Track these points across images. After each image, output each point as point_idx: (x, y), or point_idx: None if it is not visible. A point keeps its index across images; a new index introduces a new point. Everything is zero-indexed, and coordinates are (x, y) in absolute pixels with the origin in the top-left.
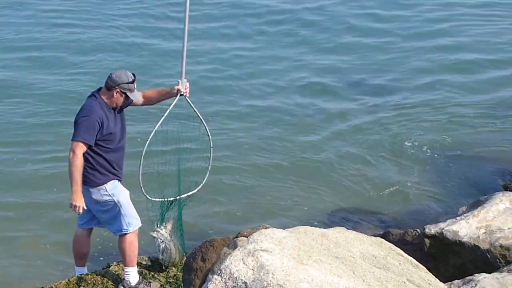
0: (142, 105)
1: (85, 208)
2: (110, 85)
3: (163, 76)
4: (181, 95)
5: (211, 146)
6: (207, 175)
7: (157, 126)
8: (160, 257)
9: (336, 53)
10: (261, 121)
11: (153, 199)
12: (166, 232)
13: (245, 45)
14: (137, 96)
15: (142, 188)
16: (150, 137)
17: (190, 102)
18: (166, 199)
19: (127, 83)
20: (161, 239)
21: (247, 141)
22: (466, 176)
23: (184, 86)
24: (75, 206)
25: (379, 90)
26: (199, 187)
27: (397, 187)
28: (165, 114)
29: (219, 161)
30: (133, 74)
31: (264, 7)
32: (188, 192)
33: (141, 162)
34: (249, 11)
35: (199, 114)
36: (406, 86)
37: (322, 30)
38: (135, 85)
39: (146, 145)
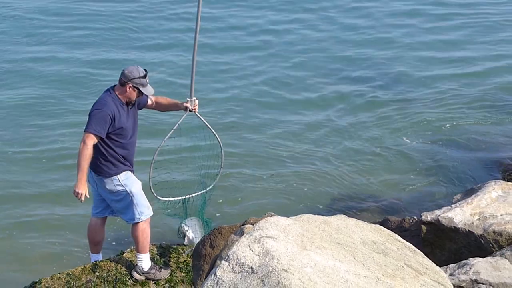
0: (152, 108)
1: (88, 196)
2: (123, 81)
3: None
4: (190, 111)
5: (222, 153)
6: (217, 178)
7: (166, 137)
8: (186, 242)
9: (333, 50)
10: (266, 118)
11: (163, 198)
12: (190, 224)
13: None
14: (150, 90)
15: (151, 189)
16: (160, 145)
17: (200, 116)
18: (174, 199)
19: (139, 77)
20: (186, 229)
21: (253, 137)
22: (460, 166)
23: (192, 104)
24: (78, 193)
25: (377, 86)
26: (208, 188)
27: (395, 177)
28: (174, 128)
29: (227, 156)
30: (145, 70)
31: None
32: (200, 191)
33: (151, 167)
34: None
35: (209, 126)
36: (403, 81)
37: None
38: (147, 80)
39: (156, 153)
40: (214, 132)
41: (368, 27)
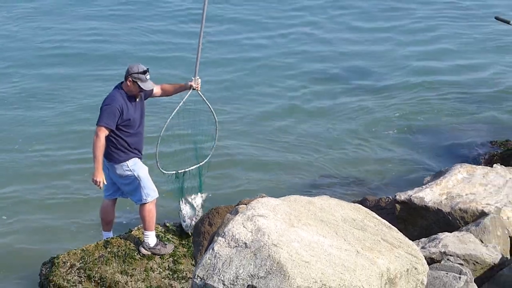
0: (160, 96)
1: (105, 183)
2: (125, 75)
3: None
4: (193, 89)
5: (217, 128)
6: (212, 151)
7: (172, 114)
8: (183, 224)
9: (314, 48)
10: (262, 110)
11: (167, 172)
12: (188, 204)
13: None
14: (149, 85)
15: (158, 163)
16: (167, 122)
17: (202, 94)
18: (178, 171)
19: (137, 73)
20: (185, 210)
21: (244, 128)
22: (430, 152)
23: (196, 82)
24: (96, 181)
25: (356, 81)
26: (204, 161)
27: (372, 162)
28: (179, 105)
29: (224, 141)
30: (147, 68)
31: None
32: (196, 165)
33: (158, 143)
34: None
35: (208, 104)
36: (379, 75)
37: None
38: (147, 76)
39: (163, 130)
40: (212, 109)
41: (343, 23)
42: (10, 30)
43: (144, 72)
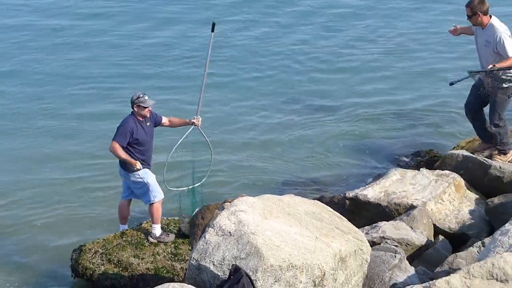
0: (168, 126)
1: (140, 167)
2: (131, 105)
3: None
4: (194, 125)
5: (211, 158)
6: (206, 177)
7: (177, 144)
8: (183, 228)
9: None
10: (244, 124)
11: (171, 189)
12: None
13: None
14: (149, 102)
15: (164, 183)
16: (172, 150)
17: (201, 130)
18: (180, 188)
19: (137, 98)
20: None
21: (231, 138)
22: (371, 159)
23: (197, 120)
24: (134, 166)
25: (316, 99)
26: (200, 183)
27: (327, 166)
28: (183, 137)
29: (216, 154)
30: (144, 93)
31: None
32: (194, 185)
33: (166, 167)
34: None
35: (206, 137)
36: (336, 96)
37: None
38: (145, 97)
39: (169, 156)
40: (209, 143)
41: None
42: None
43: (142, 96)
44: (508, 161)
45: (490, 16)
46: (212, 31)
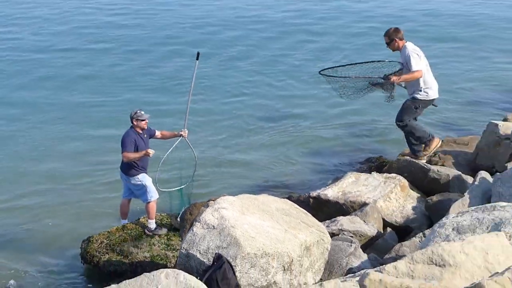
0: (160, 138)
1: (152, 152)
2: (130, 119)
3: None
4: (182, 137)
5: (196, 164)
6: (190, 180)
7: (167, 153)
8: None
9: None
10: (225, 137)
11: (162, 189)
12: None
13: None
14: (145, 116)
15: (157, 184)
16: (163, 158)
17: (188, 141)
18: (170, 190)
19: (135, 113)
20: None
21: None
22: (330, 164)
23: (184, 132)
24: (148, 155)
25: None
26: (186, 184)
27: (294, 171)
28: (173, 146)
29: (200, 160)
30: (140, 109)
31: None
32: (181, 186)
33: (158, 171)
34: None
35: (192, 147)
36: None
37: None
38: (141, 112)
39: (161, 162)
40: (194, 151)
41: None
42: None
43: (139, 111)
44: (434, 151)
45: (406, 41)
46: (197, 59)
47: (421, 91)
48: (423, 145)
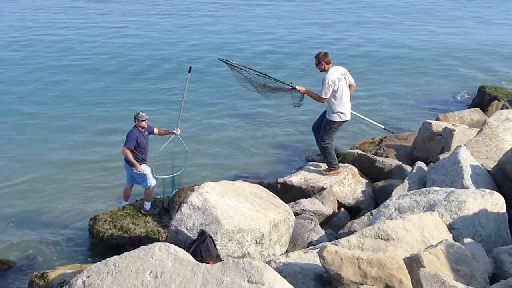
0: (157, 135)
1: (142, 170)
2: (134, 118)
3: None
4: (175, 134)
5: (187, 157)
6: (182, 170)
7: (162, 147)
8: (167, 205)
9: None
10: (211, 135)
11: (158, 176)
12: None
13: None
14: (145, 117)
15: (153, 172)
16: (159, 152)
17: (180, 138)
18: (164, 177)
19: (137, 114)
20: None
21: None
22: (295, 155)
23: (177, 131)
24: (139, 170)
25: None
26: (178, 173)
27: (265, 162)
28: (166, 143)
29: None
30: (142, 111)
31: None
32: (174, 174)
33: (153, 162)
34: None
35: (183, 143)
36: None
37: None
38: (142, 113)
39: (157, 155)
40: (185, 146)
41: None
42: None
43: (141, 112)
44: (334, 176)
45: (332, 65)
46: (189, 72)
47: (335, 113)
48: (334, 166)
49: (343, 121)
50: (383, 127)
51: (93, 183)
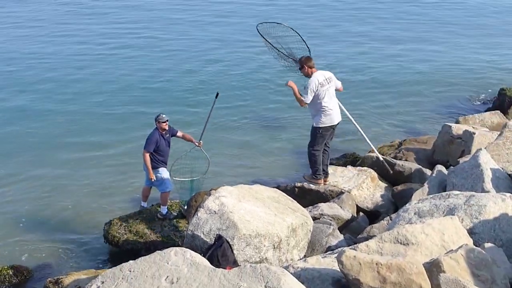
0: (181, 138)
1: (155, 178)
2: (155, 120)
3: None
4: (197, 146)
5: (209, 164)
6: (201, 177)
7: (183, 154)
8: (184, 211)
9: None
10: (229, 142)
11: (176, 178)
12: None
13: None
14: (165, 118)
15: (173, 177)
16: (181, 156)
17: (202, 149)
18: (183, 179)
19: (158, 116)
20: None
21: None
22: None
23: (200, 144)
24: (151, 178)
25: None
26: (198, 178)
27: (283, 166)
28: (188, 151)
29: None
30: (162, 114)
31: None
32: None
33: (172, 164)
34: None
35: (206, 153)
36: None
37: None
38: (163, 116)
39: (175, 161)
40: (208, 156)
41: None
42: None
43: (161, 115)
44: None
45: (316, 70)
46: (216, 97)
47: (320, 119)
48: (316, 176)
49: (330, 126)
50: (371, 145)
51: (109, 186)
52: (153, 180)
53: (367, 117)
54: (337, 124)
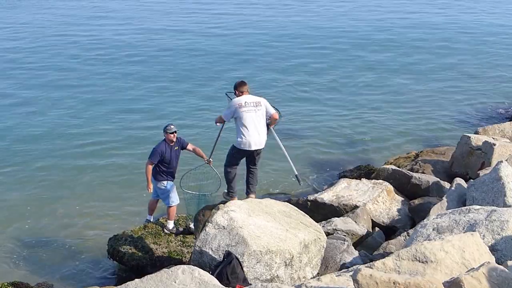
0: (191, 151)
1: (152, 190)
2: (163, 132)
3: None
4: (207, 163)
5: (220, 184)
6: (211, 193)
7: (193, 169)
8: (192, 227)
9: None
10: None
11: (186, 190)
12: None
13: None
14: (173, 129)
15: (182, 187)
16: (190, 171)
17: (212, 167)
18: (192, 193)
19: (166, 127)
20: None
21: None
22: (326, 171)
23: (210, 162)
24: (148, 188)
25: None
26: (210, 194)
27: (291, 177)
28: (198, 166)
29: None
30: (171, 124)
31: None
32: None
33: (182, 178)
34: None
35: (215, 171)
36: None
37: None
38: (171, 126)
39: (184, 174)
40: (219, 175)
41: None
42: None
43: (169, 125)
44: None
45: (244, 94)
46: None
47: (237, 140)
48: (229, 194)
49: (244, 150)
50: (296, 173)
51: (115, 199)
52: (149, 191)
53: (382, 127)
54: (258, 150)
